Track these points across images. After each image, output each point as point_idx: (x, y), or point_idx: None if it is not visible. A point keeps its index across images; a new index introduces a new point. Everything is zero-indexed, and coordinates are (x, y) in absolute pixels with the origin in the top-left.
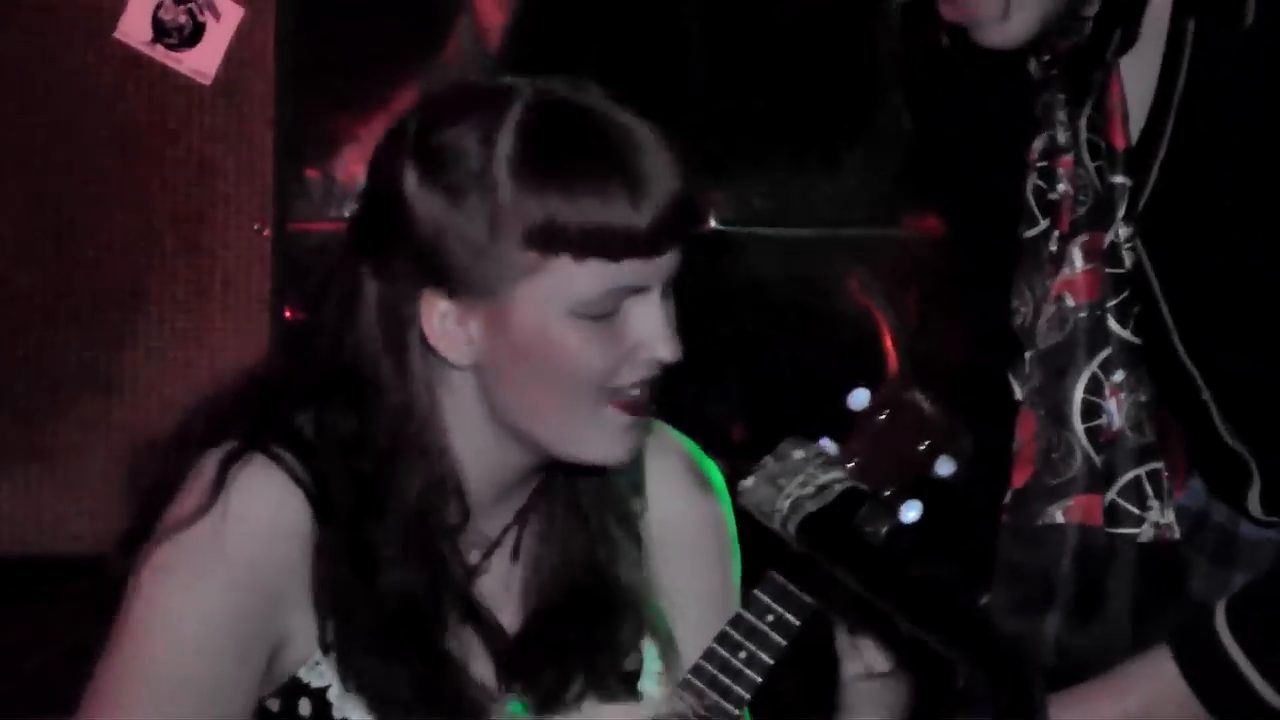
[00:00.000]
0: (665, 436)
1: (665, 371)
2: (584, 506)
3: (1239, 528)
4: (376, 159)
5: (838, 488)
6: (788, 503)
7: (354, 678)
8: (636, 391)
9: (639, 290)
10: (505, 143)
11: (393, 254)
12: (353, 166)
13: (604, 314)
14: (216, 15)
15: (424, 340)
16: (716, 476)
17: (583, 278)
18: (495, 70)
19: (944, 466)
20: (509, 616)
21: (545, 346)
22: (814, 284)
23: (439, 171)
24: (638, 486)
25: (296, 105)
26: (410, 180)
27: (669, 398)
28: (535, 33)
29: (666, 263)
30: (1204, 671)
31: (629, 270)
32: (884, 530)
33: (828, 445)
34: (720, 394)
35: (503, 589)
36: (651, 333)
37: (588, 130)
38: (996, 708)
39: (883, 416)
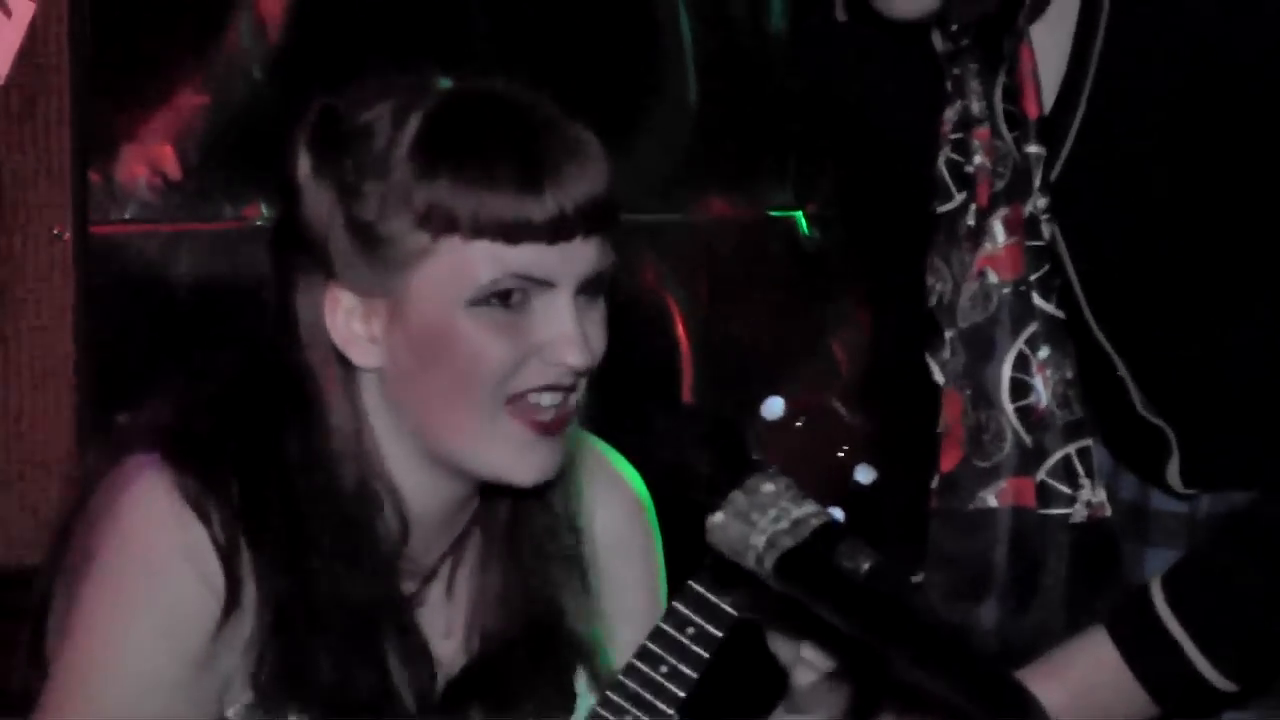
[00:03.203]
0: (598, 455)
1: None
2: (520, 535)
3: (1149, 502)
4: (285, 152)
5: (814, 522)
6: (763, 539)
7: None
8: (544, 403)
9: (545, 285)
10: (410, 128)
11: (291, 248)
12: (135, 167)
13: (504, 304)
14: (8, 12)
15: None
16: (644, 491)
17: (476, 262)
18: (275, 64)
19: (863, 474)
20: (450, 653)
21: (443, 340)
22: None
23: (334, 159)
24: (577, 512)
25: (93, 105)
26: (303, 168)
27: None
28: (315, 23)
29: (577, 258)
30: (1142, 650)
31: (527, 258)
32: (865, 566)
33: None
34: None
35: (443, 624)
36: (557, 332)
37: (488, 115)
38: None
39: (799, 424)
